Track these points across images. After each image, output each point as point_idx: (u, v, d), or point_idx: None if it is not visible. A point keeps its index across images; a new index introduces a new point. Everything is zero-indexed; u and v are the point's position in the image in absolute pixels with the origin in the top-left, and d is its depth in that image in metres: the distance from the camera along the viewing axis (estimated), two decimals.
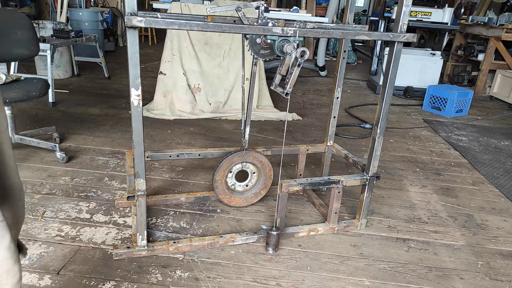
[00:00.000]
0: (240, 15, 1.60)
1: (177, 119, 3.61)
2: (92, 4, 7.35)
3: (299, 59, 1.46)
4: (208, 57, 3.79)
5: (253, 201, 2.18)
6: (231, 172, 2.08)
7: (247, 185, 2.16)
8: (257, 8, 1.60)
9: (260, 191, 2.17)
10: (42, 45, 3.45)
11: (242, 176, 2.13)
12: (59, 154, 2.53)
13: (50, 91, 3.63)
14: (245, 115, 1.97)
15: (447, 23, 5.24)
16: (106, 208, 2.07)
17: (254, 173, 2.13)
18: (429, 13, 5.21)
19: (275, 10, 4.53)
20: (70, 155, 2.64)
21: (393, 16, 5.31)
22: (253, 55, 1.68)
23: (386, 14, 5.51)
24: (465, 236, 2.08)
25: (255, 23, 1.57)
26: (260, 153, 2.10)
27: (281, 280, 1.64)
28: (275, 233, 1.78)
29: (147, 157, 2.06)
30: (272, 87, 1.59)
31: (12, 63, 3.75)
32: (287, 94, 1.54)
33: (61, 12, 6.12)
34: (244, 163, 2.08)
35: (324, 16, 6.20)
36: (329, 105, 2.55)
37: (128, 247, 1.70)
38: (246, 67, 1.95)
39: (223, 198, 2.11)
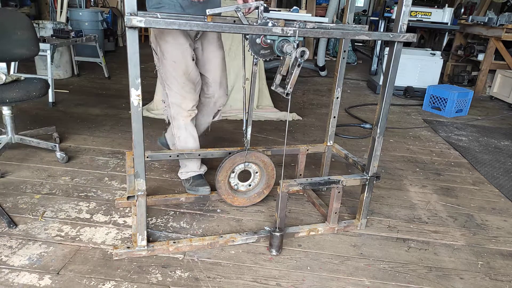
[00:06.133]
0: (239, 15, 1.60)
1: None
2: (92, 4, 7.35)
3: (299, 59, 1.46)
4: None
5: (257, 201, 2.18)
6: (233, 172, 2.07)
7: (250, 185, 2.16)
8: (257, 8, 1.60)
9: (263, 191, 2.17)
10: (42, 45, 3.45)
11: (244, 176, 2.13)
12: (59, 154, 2.53)
13: (50, 91, 3.63)
14: (246, 115, 1.97)
15: (447, 23, 5.24)
16: (106, 208, 2.07)
17: (256, 173, 2.13)
18: (429, 13, 5.21)
19: (275, 10, 4.53)
20: (70, 155, 2.64)
21: (393, 16, 5.31)
22: (253, 55, 1.68)
23: (386, 14, 5.50)
24: (465, 236, 2.08)
25: (254, 23, 1.57)
26: (262, 153, 2.09)
27: (281, 280, 1.64)
28: (278, 234, 1.76)
29: (147, 157, 2.06)
30: (272, 87, 1.59)
31: (12, 63, 3.75)
32: (287, 94, 1.54)
33: (61, 12, 6.12)
34: (247, 163, 2.08)
35: (324, 16, 6.20)
36: (329, 105, 2.55)
37: (128, 247, 1.70)
38: (247, 67, 1.95)
39: (226, 198, 2.10)
